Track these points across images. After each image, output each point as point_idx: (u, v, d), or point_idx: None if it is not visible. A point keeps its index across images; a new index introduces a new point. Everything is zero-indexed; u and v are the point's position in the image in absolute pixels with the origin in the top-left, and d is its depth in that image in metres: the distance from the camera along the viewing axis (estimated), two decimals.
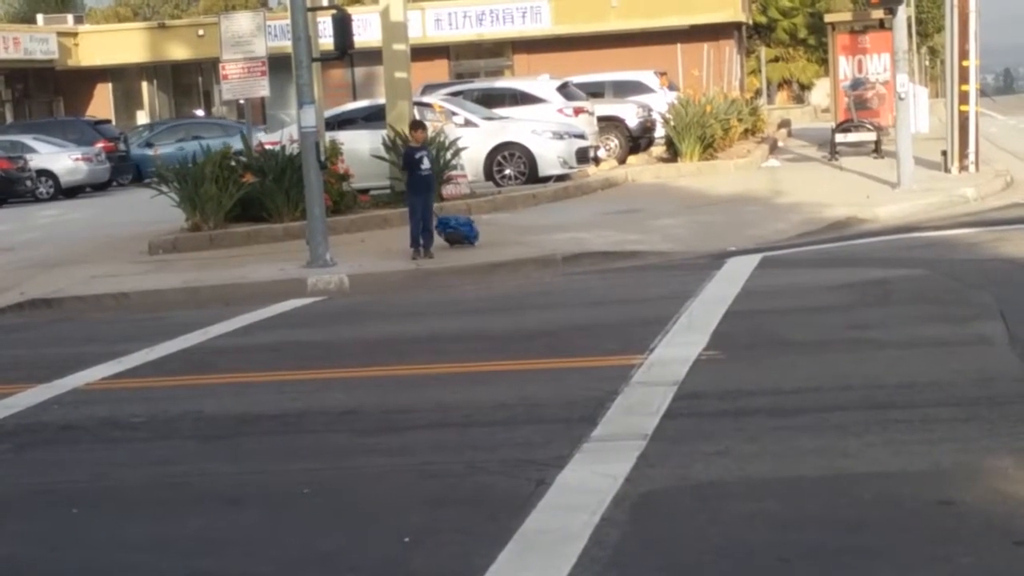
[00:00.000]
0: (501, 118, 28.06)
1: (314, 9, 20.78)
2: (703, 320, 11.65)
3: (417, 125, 18.68)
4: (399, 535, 6.59)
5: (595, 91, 34.95)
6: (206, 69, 54.73)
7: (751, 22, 61.03)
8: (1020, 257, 14.40)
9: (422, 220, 17.61)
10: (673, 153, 30.34)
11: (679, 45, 50.41)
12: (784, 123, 45.89)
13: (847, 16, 36.77)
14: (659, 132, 32.87)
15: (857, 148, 30.03)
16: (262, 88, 23.50)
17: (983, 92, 35.20)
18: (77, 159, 38.45)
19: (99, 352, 12.44)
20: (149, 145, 39.41)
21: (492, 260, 17.12)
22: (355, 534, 6.74)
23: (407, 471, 7.74)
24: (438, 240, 17.89)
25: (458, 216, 18.96)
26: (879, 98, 31.21)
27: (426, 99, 28.22)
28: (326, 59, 21.11)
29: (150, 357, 12.17)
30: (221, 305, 15.57)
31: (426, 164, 17.78)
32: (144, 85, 58.17)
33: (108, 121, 48.74)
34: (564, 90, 31.53)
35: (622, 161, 31.60)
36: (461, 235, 18.25)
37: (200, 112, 55.15)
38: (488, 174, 26.25)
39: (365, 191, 23.45)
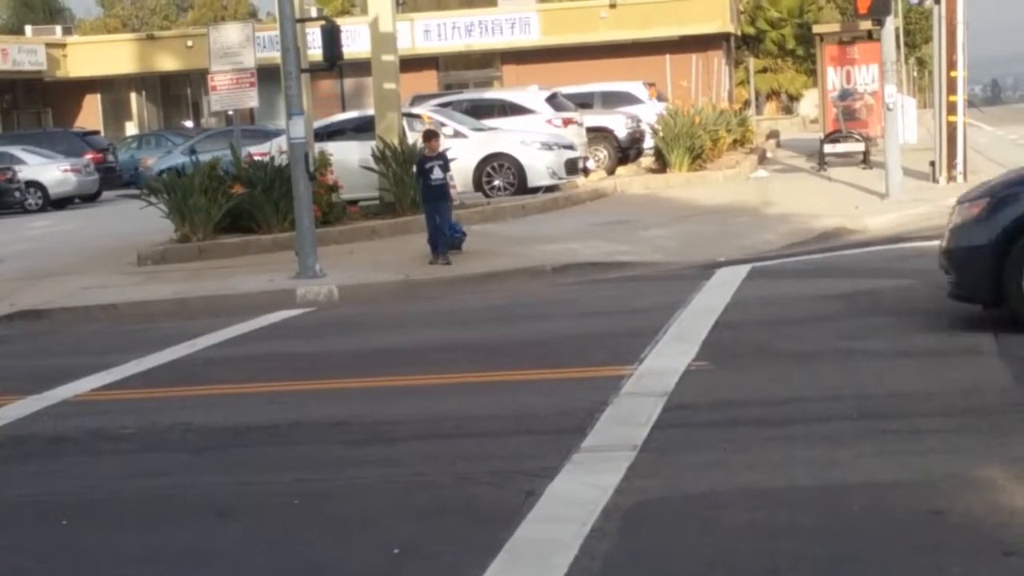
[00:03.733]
0: (490, 129, 28.05)
1: (303, 20, 20.79)
2: (692, 331, 11.66)
3: (430, 135, 18.77)
4: (389, 546, 6.59)
5: (584, 102, 34.94)
6: (195, 80, 54.62)
7: (739, 33, 61.14)
8: None
9: (438, 226, 17.77)
10: (662, 164, 30.36)
11: (668, 56, 50.51)
12: (773, 134, 45.99)
13: (835, 27, 36.89)
14: (648, 143, 32.88)
15: (845, 159, 30.08)
16: (251, 99, 23.49)
17: (971, 103, 35.25)
18: (66, 170, 38.41)
19: (88, 363, 12.42)
20: (192, 152, 38.96)
21: (482, 271, 17.13)
22: (345, 545, 6.74)
23: (397, 482, 7.74)
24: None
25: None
26: (867, 109, 31.28)
27: (415, 110, 28.21)
28: (315, 70, 21.12)
29: (139, 368, 12.15)
30: (210, 316, 15.56)
31: (436, 173, 17.90)
32: (133, 96, 58.10)
33: (97, 132, 48.67)
34: (553, 101, 31.55)
35: (611, 172, 31.61)
36: (457, 240, 18.32)
37: (189, 123, 55.06)
38: (477, 185, 26.24)
39: (354, 202, 23.44)
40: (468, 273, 17.06)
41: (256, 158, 22.54)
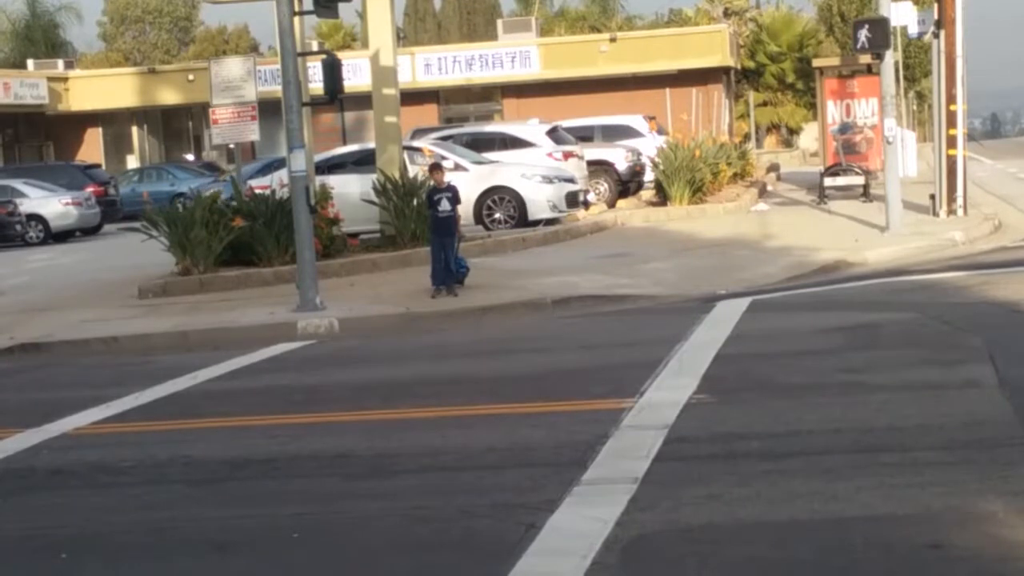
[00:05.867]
0: (491, 162, 28.10)
1: (304, 54, 20.85)
2: (693, 364, 11.65)
3: (434, 167, 18.85)
4: None
5: (584, 135, 35.03)
6: (196, 113, 54.79)
7: (739, 67, 61.31)
8: (1009, 300, 14.43)
9: (443, 260, 17.77)
10: (662, 197, 30.42)
11: (668, 90, 50.66)
12: (773, 167, 46.04)
13: (835, 61, 37.01)
14: (648, 176, 32.93)
15: (846, 192, 30.15)
16: (252, 132, 23.52)
17: (970, 136, 35.39)
18: (67, 203, 38.45)
19: (88, 396, 12.41)
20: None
21: (482, 304, 17.13)
22: None
23: (397, 515, 7.72)
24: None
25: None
26: (867, 142, 31.38)
27: (416, 143, 28.30)
28: (316, 103, 21.16)
29: (139, 401, 12.14)
30: (211, 349, 15.56)
31: (444, 206, 17.98)
32: (134, 129, 58.22)
33: (98, 165, 48.73)
34: (553, 134, 31.61)
35: (611, 205, 31.67)
36: (462, 274, 18.35)
37: (190, 156, 55.16)
38: (478, 218, 26.28)
39: (355, 235, 23.48)
40: (469, 306, 17.07)
41: (257, 191, 22.59)
